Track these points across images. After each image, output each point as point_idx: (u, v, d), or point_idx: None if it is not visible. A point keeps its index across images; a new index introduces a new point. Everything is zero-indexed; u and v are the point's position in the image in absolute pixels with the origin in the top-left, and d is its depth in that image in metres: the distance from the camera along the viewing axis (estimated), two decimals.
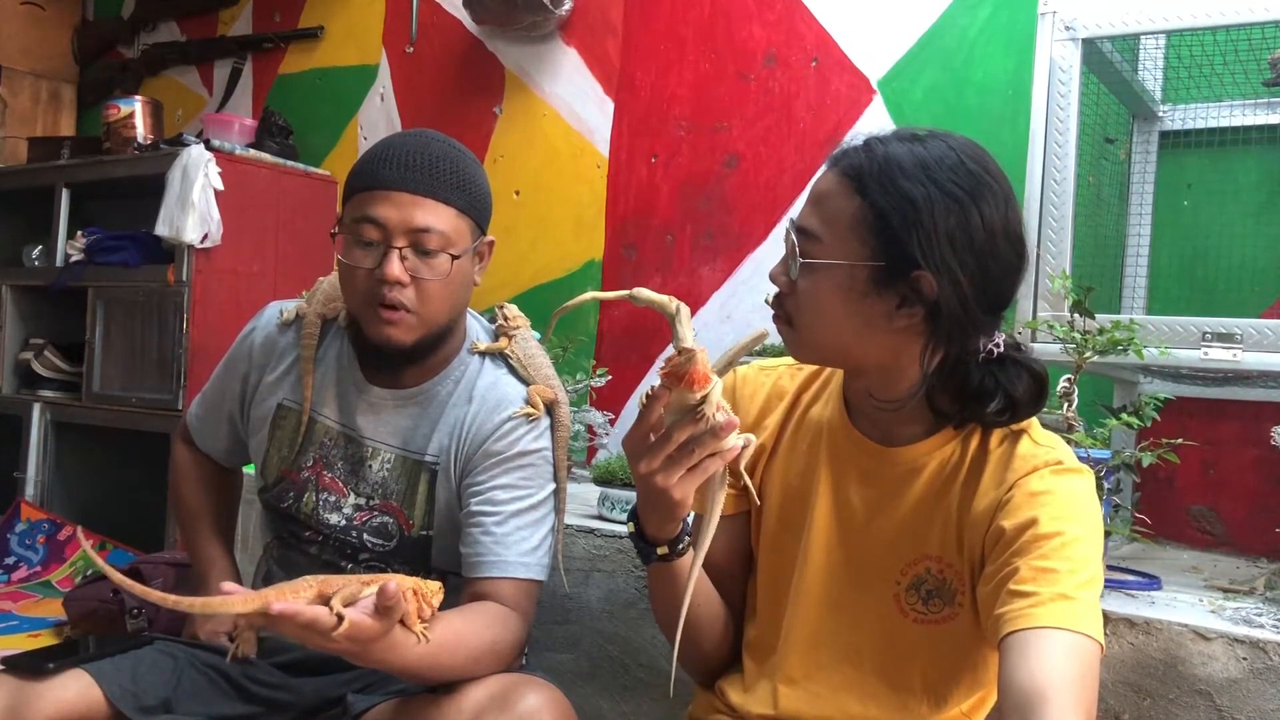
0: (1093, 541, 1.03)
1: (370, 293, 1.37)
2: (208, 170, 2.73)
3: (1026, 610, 0.97)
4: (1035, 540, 1.01)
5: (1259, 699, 1.29)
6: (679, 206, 2.58)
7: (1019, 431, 1.11)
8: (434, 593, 1.16)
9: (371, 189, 1.36)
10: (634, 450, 1.05)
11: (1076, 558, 1.00)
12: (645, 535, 1.13)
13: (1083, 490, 1.07)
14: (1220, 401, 1.95)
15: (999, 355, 1.08)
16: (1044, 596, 0.98)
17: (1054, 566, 0.99)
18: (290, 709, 1.43)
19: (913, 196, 1.02)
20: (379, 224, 1.35)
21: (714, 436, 1.00)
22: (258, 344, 1.56)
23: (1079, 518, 1.03)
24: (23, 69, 3.68)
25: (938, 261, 1.01)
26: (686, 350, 0.99)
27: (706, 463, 1.03)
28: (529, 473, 1.42)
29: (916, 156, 1.04)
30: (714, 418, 1.00)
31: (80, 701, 1.30)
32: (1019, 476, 1.06)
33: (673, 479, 1.03)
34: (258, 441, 1.56)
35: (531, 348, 1.53)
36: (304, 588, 1.06)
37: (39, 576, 2.88)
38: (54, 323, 3.29)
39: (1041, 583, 0.99)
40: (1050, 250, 1.65)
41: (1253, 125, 1.91)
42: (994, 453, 1.10)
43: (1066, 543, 1.01)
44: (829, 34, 2.39)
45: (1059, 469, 1.07)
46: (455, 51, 2.97)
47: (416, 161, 1.37)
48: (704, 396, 0.99)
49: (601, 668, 1.82)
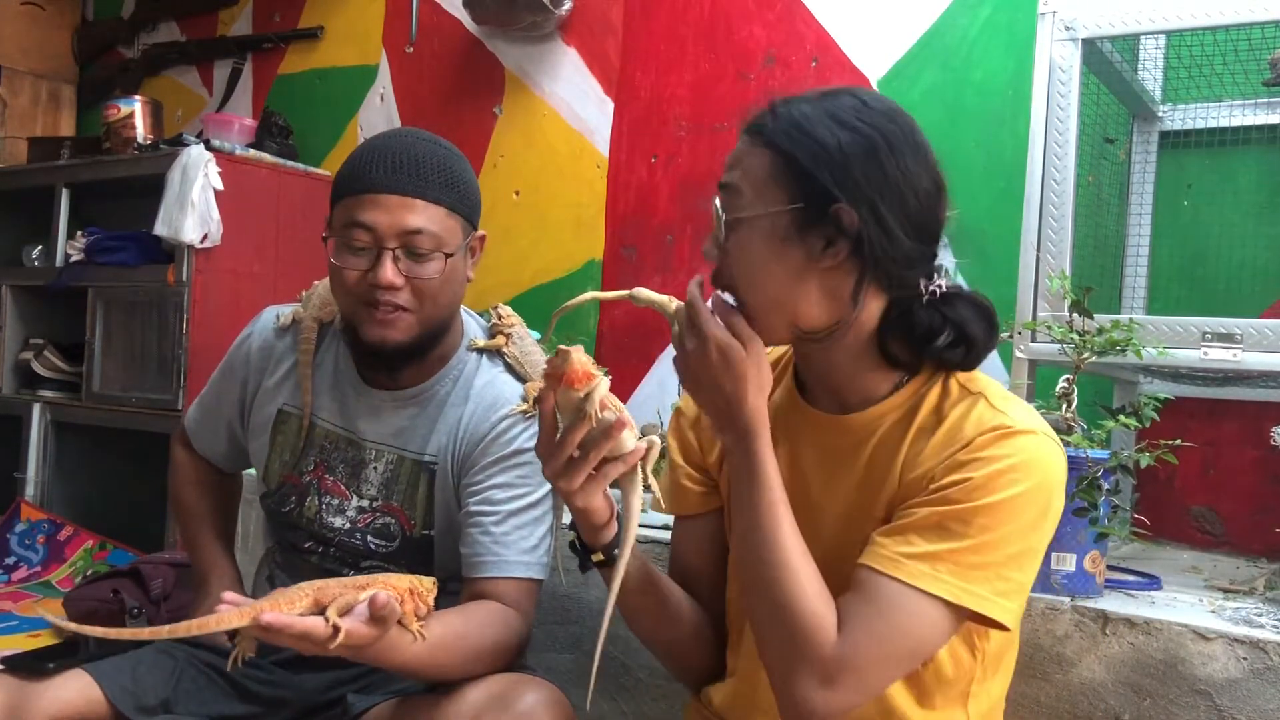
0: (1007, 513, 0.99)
1: (364, 296, 1.37)
2: (207, 170, 2.73)
3: (891, 555, 0.99)
4: (946, 498, 0.99)
5: (1259, 699, 1.29)
6: (679, 206, 2.58)
7: (976, 395, 1.06)
8: (429, 589, 1.16)
9: (359, 193, 1.36)
10: (541, 454, 1.04)
11: (975, 524, 0.98)
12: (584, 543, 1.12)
13: (1026, 457, 1.01)
14: (1220, 401, 1.95)
15: (943, 294, 1.07)
16: (914, 551, 0.98)
17: (948, 525, 0.98)
18: (290, 707, 1.43)
19: (819, 137, 1.03)
20: (370, 228, 1.35)
21: (605, 438, 0.99)
22: (255, 350, 1.56)
23: (1004, 488, 0.99)
24: (23, 69, 3.68)
25: (853, 192, 1.01)
26: (562, 350, 0.98)
27: (606, 468, 1.01)
28: (526, 471, 1.42)
29: (822, 108, 1.05)
30: (599, 416, 0.98)
31: (80, 701, 1.30)
32: (964, 443, 1.02)
33: (574, 484, 1.01)
34: (259, 447, 1.55)
35: (528, 345, 1.53)
36: (300, 597, 1.07)
37: (39, 576, 2.88)
38: (54, 323, 3.29)
39: (926, 535, 0.99)
40: (1050, 250, 1.65)
41: (1253, 125, 1.91)
42: (948, 417, 1.06)
43: (974, 509, 0.98)
44: (829, 34, 2.39)
45: (1004, 433, 1.01)
46: (455, 51, 2.97)
47: (403, 163, 1.36)
48: (587, 395, 0.97)
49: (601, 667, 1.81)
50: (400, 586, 1.13)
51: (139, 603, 2.15)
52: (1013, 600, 1.01)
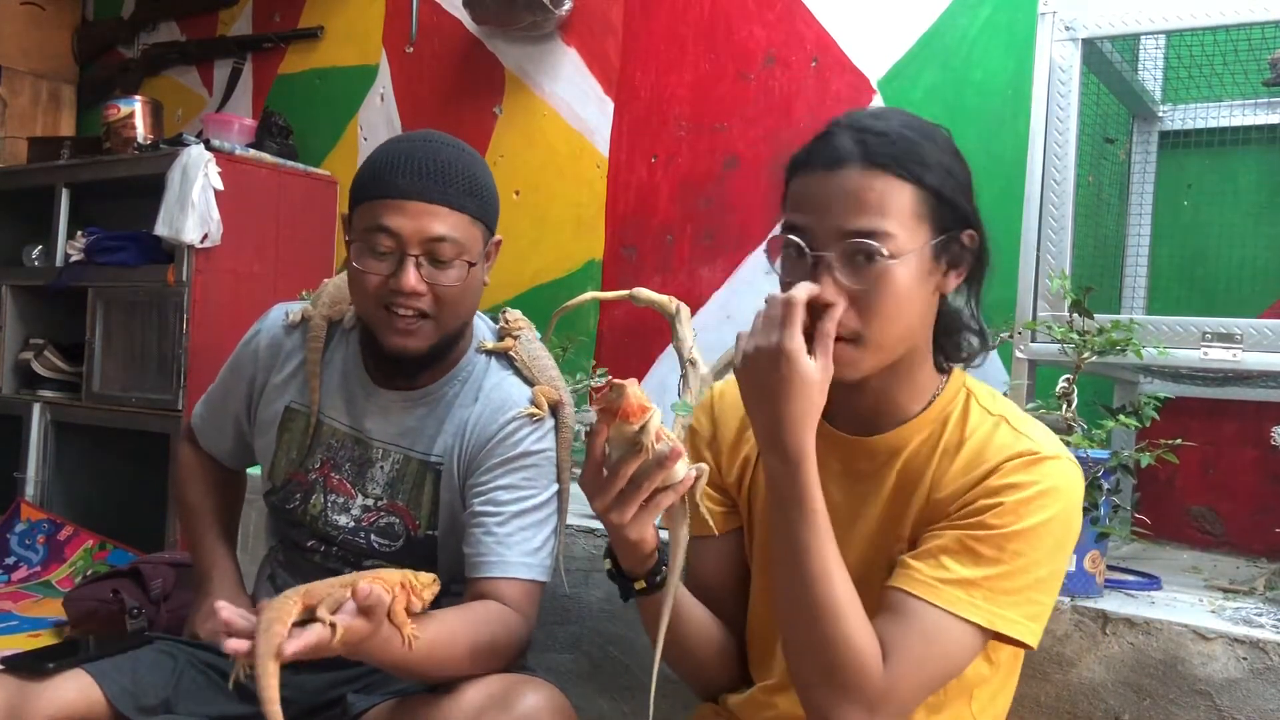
0: (1039, 538, 1.01)
1: (385, 300, 1.37)
2: (208, 170, 2.74)
3: (928, 580, 0.99)
4: (979, 524, 1.00)
5: (1259, 699, 1.29)
6: (679, 206, 2.58)
7: (998, 417, 1.08)
8: (426, 585, 1.16)
9: (384, 198, 1.35)
10: (588, 488, 1.03)
11: (1008, 550, 0.99)
12: (622, 571, 1.11)
13: (1054, 482, 1.03)
14: (1220, 401, 1.95)
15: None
16: (951, 576, 0.99)
17: (981, 551, 0.99)
18: (290, 707, 1.42)
19: (940, 161, 1.04)
20: (394, 234, 1.34)
21: (660, 468, 0.98)
22: (263, 346, 1.56)
23: (1035, 514, 1.00)
24: (23, 69, 3.68)
25: (975, 215, 1.06)
26: (617, 384, 0.98)
27: (659, 498, 1.01)
28: (532, 473, 1.42)
29: (920, 133, 1.05)
30: (654, 448, 0.98)
31: (80, 701, 1.30)
32: (992, 466, 1.03)
33: (626, 516, 1.01)
34: (265, 444, 1.56)
35: (536, 349, 1.53)
36: (290, 607, 1.07)
37: (39, 576, 2.88)
38: (54, 323, 3.30)
39: (961, 559, 0.99)
40: (1050, 250, 1.65)
41: (1253, 125, 1.91)
42: (970, 438, 1.07)
43: (1007, 535, 0.99)
44: (829, 34, 2.39)
45: (1033, 459, 1.03)
46: (455, 51, 2.97)
47: (429, 169, 1.36)
48: (642, 427, 0.97)
49: (601, 668, 1.82)
50: (392, 580, 1.13)
51: (139, 603, 2.15)
52: (1039, 622, 1.03)
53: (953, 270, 1.07)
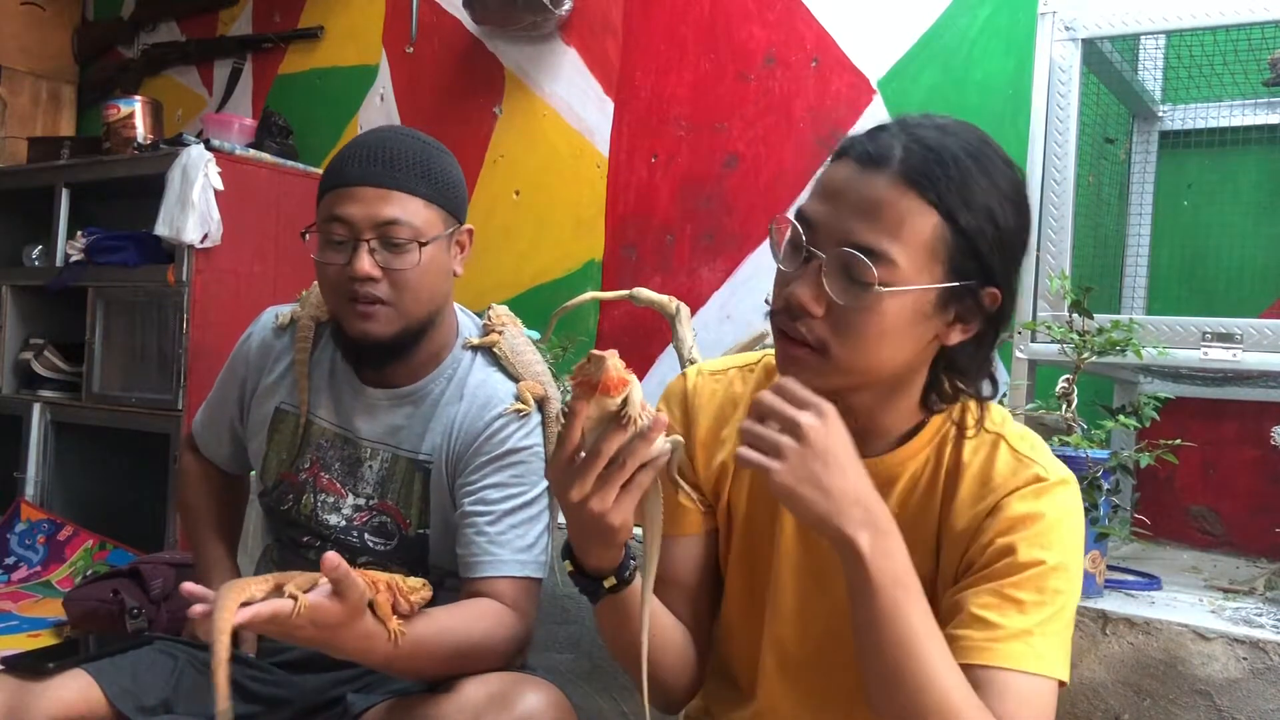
0: (1069, 569, 0.98)
1: (344, 289, 1.37)
2: (208, 170, 2.73)
3: (985, 645, 0.94)
4: (1010, 568, 0.97)
5: (1259, 699, 1.29)
6: (679, 206, 2.58)
7: (995, 438, 1.03)
8: (415, 589, 1.16)
9: (337, 188, 1.38)
10: (561, 479, 0.93)
11: (1048, 589, 0.96)
12: (586, 570, 1.00)
13: (1066, 508, 1.00)
14: (1220, 401, 1.95)
15: None
16: (1006, 631, 0.94)
17: (1022, 598, 0.95)
18: (290, 707, 1.43)
19: (987, 205, 0.92)
20: (345, 221, 1.36)
21: (645, 441, 0.91)
22: (254, 349, 1.57)
23: (1058, 544, 0.98)
24: (23, 69, 3.68)
25: (1005, 274, 0.95)
26: (595, 356, 0.91)
27: (639, 476, 0.93)
28: (520, 470, 1.42)
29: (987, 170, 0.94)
30: (641, 419, 0.91)
31: (80, 701, 1.30)
32: (1000, 497, 0.99)
33: (608, 501, 0.92)
34: (256, 445, 1.56)
35: (519, 344, 1.52)
36: (257, 583, 1.06)
37: (39, 576, 2.88)
38: (54, 323, 3.29)
39: (1007, 613, 0.95)
40: (1050, 250, 1.66)
41: (1253, 125, 1.91)
42: (971, 464, 1.02)
43: (1043, 573, 0.96)
44: (829, 34, 2.39)
45: (1041, 487, 0.99)
46: (455, 51, 2.97)
47: (379, 156, 1.37)
48: (624, 399, 0.91)
49: (601, 668, 1.82)
50: (379, 579, 1.13)
51: (139, 603, 2.15)
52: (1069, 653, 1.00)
53: (960, 324, 0.96)
